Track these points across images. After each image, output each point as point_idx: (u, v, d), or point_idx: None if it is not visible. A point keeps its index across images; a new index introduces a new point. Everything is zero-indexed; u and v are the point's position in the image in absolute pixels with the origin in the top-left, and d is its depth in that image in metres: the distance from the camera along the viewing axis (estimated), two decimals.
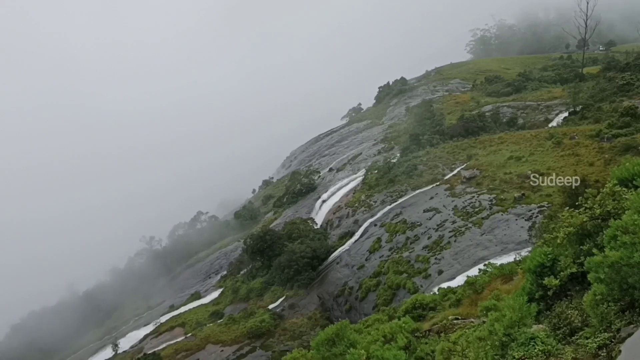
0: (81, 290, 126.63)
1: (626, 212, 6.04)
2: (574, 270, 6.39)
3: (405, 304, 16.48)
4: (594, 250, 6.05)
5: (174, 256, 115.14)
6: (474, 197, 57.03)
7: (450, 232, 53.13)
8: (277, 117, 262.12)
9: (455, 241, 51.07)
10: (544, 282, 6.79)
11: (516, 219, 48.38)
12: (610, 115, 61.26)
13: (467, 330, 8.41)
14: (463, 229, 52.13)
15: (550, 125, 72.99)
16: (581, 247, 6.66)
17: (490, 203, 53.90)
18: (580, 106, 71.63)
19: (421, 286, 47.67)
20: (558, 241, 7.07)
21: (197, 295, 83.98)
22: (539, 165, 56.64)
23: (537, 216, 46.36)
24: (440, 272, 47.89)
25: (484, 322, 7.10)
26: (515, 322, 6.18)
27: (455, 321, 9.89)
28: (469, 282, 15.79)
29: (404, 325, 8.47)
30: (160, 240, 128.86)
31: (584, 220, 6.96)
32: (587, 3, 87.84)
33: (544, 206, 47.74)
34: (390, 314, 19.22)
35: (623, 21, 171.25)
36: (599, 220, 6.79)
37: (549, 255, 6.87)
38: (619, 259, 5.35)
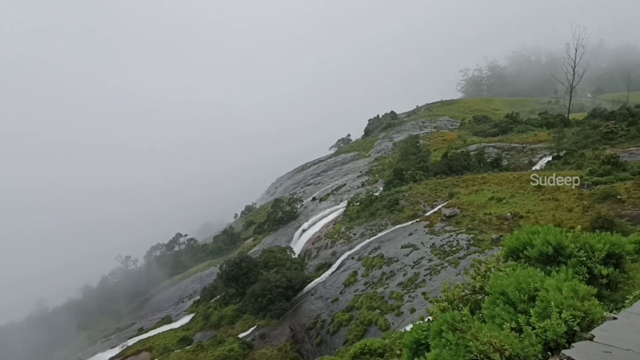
0: (51, 306, 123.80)
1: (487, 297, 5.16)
2: None
3: (354, 347, 15.59)
4: (432, 342, 5.15)
5: (149, 277, 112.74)
6: (452, 235, 56.41)
7: (426, 269, 52.32)
8: (271, 141, 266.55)
9: (430, 279, 50.22)
10: None
11: None
12: (592, 162, 61.26)
13: None
14: (439, 267, 51.34)
15: (533, 168, 72.93)
16: None
17: (467, 243, 53.26)
18: (563, 151, 71.67)
19: (393, 324, 46.66)
20: (432, 317, 6.20)
21: (167, 319, 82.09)
22: (518, 208, 56.26)
23: None
24: (412, 311, 46.90)
25: None
26: None
27: None
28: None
29: None
30: (136, 261, 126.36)
31: (463, 294, 6.13)
32: (576, 51, 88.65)
33: None
34: (342, 356, 18.36)
35: (614, 70, 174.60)
36: (483, 295, 5.91)
37: (425, 332, 5.93)
38: None
